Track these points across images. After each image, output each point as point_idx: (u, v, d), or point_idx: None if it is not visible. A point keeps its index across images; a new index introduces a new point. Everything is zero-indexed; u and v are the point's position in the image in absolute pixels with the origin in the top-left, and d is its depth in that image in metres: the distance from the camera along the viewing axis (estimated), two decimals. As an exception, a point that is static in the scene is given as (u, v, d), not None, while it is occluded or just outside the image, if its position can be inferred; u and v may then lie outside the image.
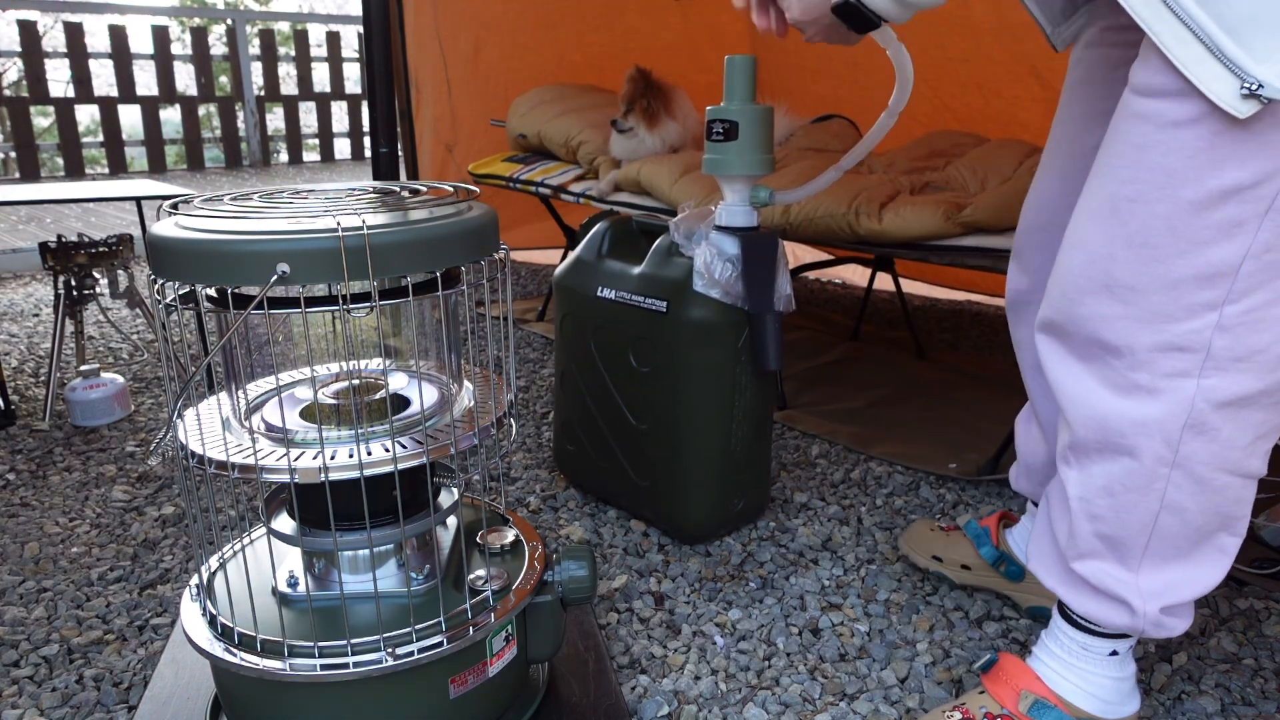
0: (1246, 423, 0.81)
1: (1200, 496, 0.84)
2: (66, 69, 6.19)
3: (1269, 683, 1.13)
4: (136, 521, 1.55)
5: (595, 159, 2.50)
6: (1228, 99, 0.71)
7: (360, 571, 0.93)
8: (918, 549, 1.35)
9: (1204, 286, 0.78)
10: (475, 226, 0.85)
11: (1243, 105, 0.71)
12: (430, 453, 0.85)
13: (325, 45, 7.45)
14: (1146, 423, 0.82)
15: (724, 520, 1.47)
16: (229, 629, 0.88)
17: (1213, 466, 0.82)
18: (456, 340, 0.98)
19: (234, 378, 0.93)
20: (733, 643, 1.21)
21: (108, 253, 2.03)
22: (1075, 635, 0.96)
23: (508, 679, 0.97)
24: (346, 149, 7.82)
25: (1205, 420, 0.81)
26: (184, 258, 0.77)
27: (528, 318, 2.82)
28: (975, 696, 1.00)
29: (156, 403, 2.11)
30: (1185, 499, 0.84)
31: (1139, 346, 0.81)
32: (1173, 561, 0.88)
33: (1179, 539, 0.87)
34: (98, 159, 6.60)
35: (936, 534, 1.36)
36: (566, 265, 1.54)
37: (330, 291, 0.77)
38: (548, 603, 0.98)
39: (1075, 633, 0.96)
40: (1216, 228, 0.76)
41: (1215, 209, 0.75)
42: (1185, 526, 0.86)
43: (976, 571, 1.29)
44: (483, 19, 3.08)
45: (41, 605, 1.30)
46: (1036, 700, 0.96)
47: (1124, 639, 0.94)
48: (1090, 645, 0.95)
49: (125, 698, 1.11)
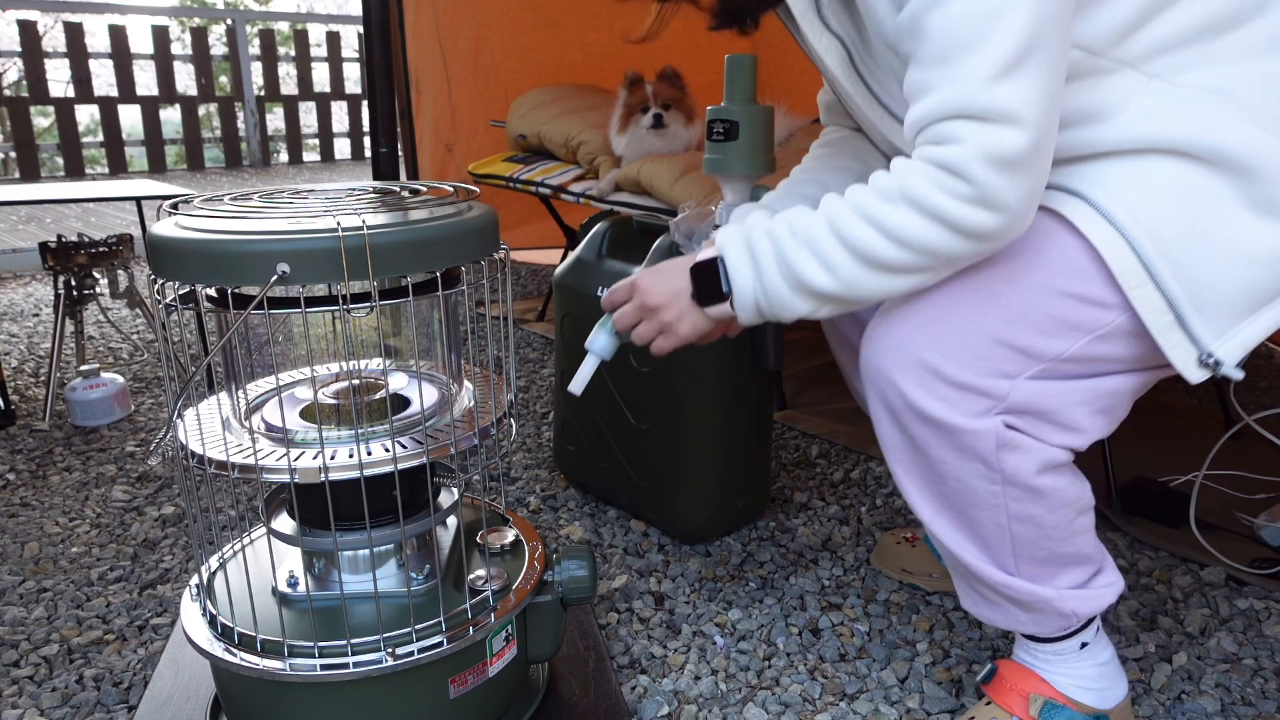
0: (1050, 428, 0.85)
1: (1039, 501, 0.86)
2: (66, 69, 6.19)
3: (1269, 683, 1.13)
4: (136, 521, 1.55)
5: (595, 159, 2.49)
6: (1184, 365, 0.78)
7: (360, 571, 0.93)
8: (887, 565, 1.37)
9: (1015, 357, 0.82)
10: (475, 226, 0.85)
11: (1196, 372, 0.78)
12: (430, 453, 0.85)
13: (325, 45, 7.44)
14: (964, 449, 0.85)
15: (724, 520, 1.47)
16: (229, 629, 0.88)
17: (1033, 473, 0.85)
18: (456, 340, 0.98)
19: (234, 378, 0.93)
20: (733, 643, 1.21)
21: (108, 253, 2.03)
22: (1041, 644, 0.97)
23: (508, 679, 0.97)
24: (346, 149, 7.82)
25: (1010, 438, 0.83)
26: (184, 258, 0.77)
27: (528, 318, 2.82)
28: (982, 709, 1.00)
29: (156, 403, 2.11)
30: (1028, 508, 0.87)
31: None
32: (1047, 564, 0.90)
33: (1040, 542, 0.89)
34: (98, 159, 6.60)
35: (903, 546, 1.37)
36: (566, 265, 1.54)
37: (330, 291, 0.77)
38: (548, 603, 0.98)
39: (1039, 643, 0.97)
40: (1056, 321, 0.82)
41: (1065, 308, 0.82)
42: (1041, 529, 0.88)
43: (943, 578, 1.32)
44: (483, 19, 3.08)
45: (41, 605, 1.30)
46: (1046, 702, 0.96)
47: (1085, 629, 0.95)
48: (1060, 649, 0.96)
49: (125, 698, 1.11)
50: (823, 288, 0.82)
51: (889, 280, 0.81)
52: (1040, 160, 0.75)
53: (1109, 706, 0.96)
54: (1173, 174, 0.78)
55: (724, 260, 0.88)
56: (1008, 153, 0.72)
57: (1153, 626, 1.23)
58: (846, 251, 0.80)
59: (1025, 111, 0.71)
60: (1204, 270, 0.77)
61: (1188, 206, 0.78)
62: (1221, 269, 0.77)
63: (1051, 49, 0.72)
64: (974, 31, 0.71)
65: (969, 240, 0.77)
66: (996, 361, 0.82)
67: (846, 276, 0.81)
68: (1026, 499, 0.85)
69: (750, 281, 0.86)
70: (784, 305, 0.85)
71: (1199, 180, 0.78)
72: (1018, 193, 0.74)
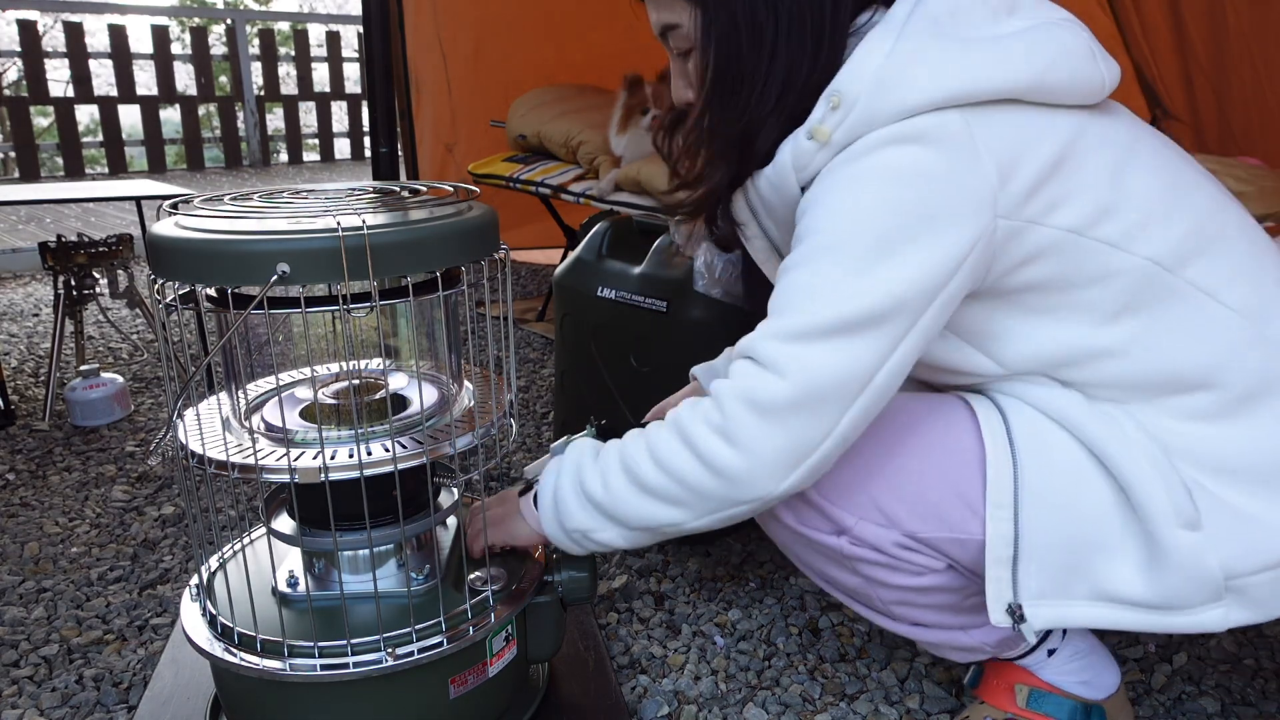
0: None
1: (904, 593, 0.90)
2: (66, 69, 6.18)
3: (1269, 683, 1.13)
4: (136, 521, 1.55)
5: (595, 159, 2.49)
6: (993, 600, 0.81)
7: (360, 571, 0.93)
8: None
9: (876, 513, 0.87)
10: (475, 226, 0.84)
11: (999, 614, 0.80)
12: (430, 453, 0.85)
13: (325, 45, 7.44)
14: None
15: (724, 520, 1.46)
16: (229, 629, 0.88)
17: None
18: (456, 340, 0.98)
19: (234, 378, 0.93)
20: (733, 643, 1.21)
21: (108, 253, 2.02)
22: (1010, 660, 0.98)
23: (508, 679, 0.97)
24: (346, 149, 7.81)
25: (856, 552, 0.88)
26: (184, 258, 0.77)
27: (528, 318, 2.82)
28: (976, 708, 1.01)
29: (156, 403, 2.11)
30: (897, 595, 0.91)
31: None
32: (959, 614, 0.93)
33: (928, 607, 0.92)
34: (98, 159, 6.60)
35: None
36: (566, 265, 1.54)
37: (330, 291, 0.77)
38: (548, 603, 0.98)
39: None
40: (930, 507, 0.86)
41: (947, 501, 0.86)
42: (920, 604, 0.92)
43: None
44: (483, 19, 3.08)
45: (41, 605, 1.30)
46: (1032, 691, 0.97)
47: (1048, 637, 0.96)
48: (1029, 662, 0.97)
49: (125, 698, 1.11)
50: (595, 495, 0.84)
51: (647, 505, 0.82)
52: (798, 421, 0.76)
53: (1100, 697, 0.97)
54: (1075, 455, 0.81)
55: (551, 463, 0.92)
56: (761, 397, 0.76)
57: (1153, 627, 1.23)
58: (620, 465, 0.83)
59: (794, 371, 0.75)
60: (1062, 541, 0.80)
61: (1073, 494, 0.81)
62: (1078, 554, 0.80)
63: (867, 343, 0.75)
64: (790, 300, 0.77)
65: (711, 474, 0.78)
66: (854, 502, 0.86)
67: (615, 490, 0.83)
68: (890, 589, 0.90)
69: (550, 483, 0.89)
70: (570, 513, 0.86)
71: (1094, 480, 0.80)
72: (765, 440, 0.76)
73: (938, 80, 0.74)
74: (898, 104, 0.74)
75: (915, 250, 0.74)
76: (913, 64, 0.75)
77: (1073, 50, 0.79)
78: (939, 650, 0.98)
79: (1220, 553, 0.76)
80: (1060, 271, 0.78)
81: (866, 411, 0.78)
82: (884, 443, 0.86)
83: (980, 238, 0.75)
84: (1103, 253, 0.78)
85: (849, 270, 0.75)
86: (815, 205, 0.78)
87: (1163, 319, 0.79)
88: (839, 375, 0.75)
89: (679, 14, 0.86)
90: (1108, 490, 0.79)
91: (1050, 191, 0.76)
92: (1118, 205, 0.78)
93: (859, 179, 0.76)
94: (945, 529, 0.84)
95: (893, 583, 0.89)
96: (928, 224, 0.74)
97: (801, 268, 0.77)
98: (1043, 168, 0.76)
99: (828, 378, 0.75)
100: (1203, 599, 0.77)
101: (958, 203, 0.75)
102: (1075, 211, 0.77)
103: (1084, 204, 0.77)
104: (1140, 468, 0.77)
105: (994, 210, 0.75)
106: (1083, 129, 0.79)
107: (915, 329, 0.76)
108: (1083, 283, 0.79)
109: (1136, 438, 0.79)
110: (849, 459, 0.84)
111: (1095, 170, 0.78)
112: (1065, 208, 0.77)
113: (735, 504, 0.79)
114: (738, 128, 0.85)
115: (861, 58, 0.77)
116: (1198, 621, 0.77)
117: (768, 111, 0.83)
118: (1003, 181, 0.75)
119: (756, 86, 0.82)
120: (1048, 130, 0.77)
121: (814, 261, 0.77)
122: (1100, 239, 0.77)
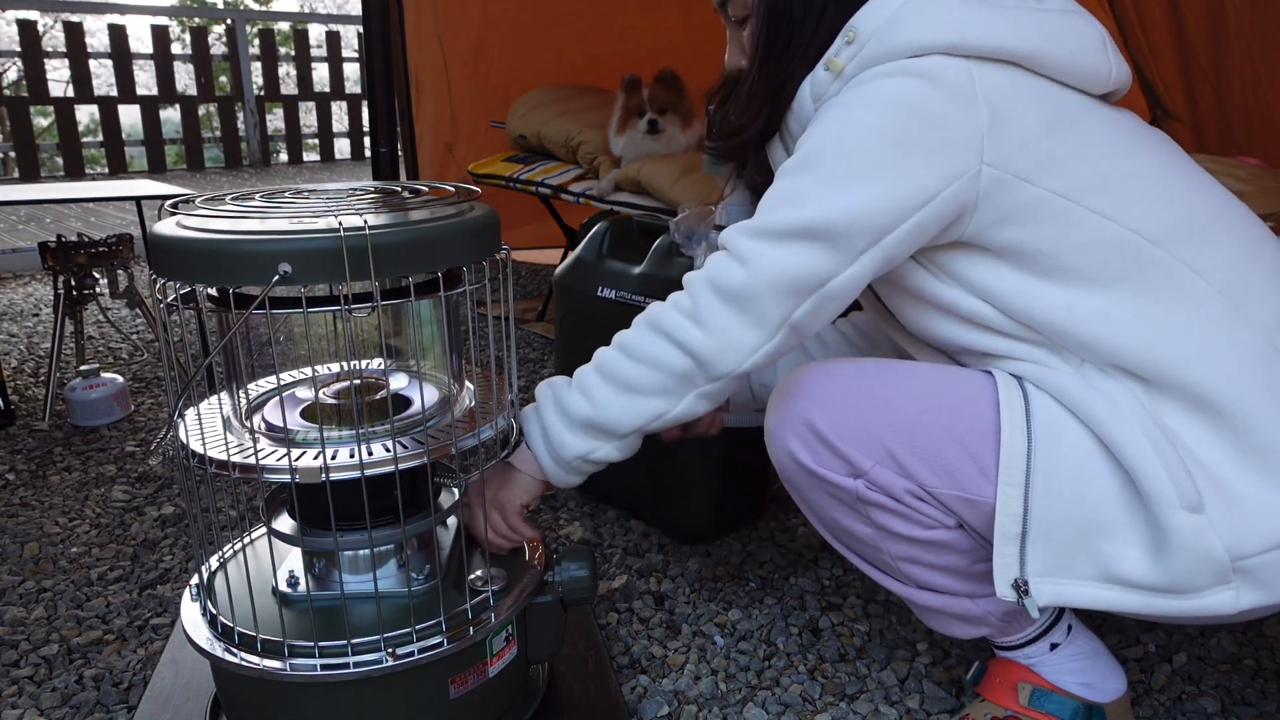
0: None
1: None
2: (66, 69, 6.18)
3: (1269, 683, 1.13)
4: (136, 521, 1.55)
5: (595, 159, 2.49)
6: (1000, 574, 0.82)
7: (360, 571, 0.93)
8: None
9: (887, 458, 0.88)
10: (476, 226, 0.84)
11: (1005, 588, 0.82)
12: (431, 453, 0.85)
13: (325, 45, 7.44)
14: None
15: (724, 520, 1.47)
16: (229, 629, 0.88)
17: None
18: (457, 340, 0.98)
19: (234, 377, 0.93)
20: (733, 643, 1.21)
21: (108, 253, 2.02)
22: (1013, 650, 0.98)
23: (508, 679, 0.97)
24: (346, 149, 7.81)
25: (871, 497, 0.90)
26: (185, 257, 0.77)
27: (528, 318, 2.82)
28: (978, 705, 1.01)
29: (156, 403, 2.11)
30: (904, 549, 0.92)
31: None
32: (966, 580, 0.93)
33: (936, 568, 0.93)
34: (98, 159, 6.60)
35: None
36: (566, 265, 1.54)
37: (331, 291, 0.77)
38: (548, 603, 0.98)
39: (1011, 650, 0.98)
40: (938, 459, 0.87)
41: (955, 456, 0.87)
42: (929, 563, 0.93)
43: None
44: (483, 19, 3.08)
45: (41, 605, 1.30)
46: (1035, 689, 0.97)
47: (1052, 629, 0.96)
48: (1030, 653, 0.97)
49: (125, 698, 1.11)
50: (581, 413, 0.90)
51: (633, 402, 0.88)
52: (756, 307, 0.83)
53: (1104, 700, 0.96)
54: (1084, 439, 0.82)
55: (523, 417, 0.97)
56: (723, 283, 0.84)
57: (1153, 626, 1.23)
58: (599, 375, 0.90)
59: (754, 262, 0.82)
60: (1070, 523, 0.80)
61: (1083, 477, 0.81)
62: (1085, 536, 0.80)
63: (825, 250, 0.81)
64: (768, 201, 0.85)
65: (684, 353, 0.85)
66: (871, 447, 0.87)
67: (599, 399, 0.89)
68: (901, 542, 0.91)
69: (535, 423, 0.94)
70: (564, 443, 0.91)
71: (1102, 464, 0.81)
72: (728, 321, 0.84)
73: (949, 27, 0.80)
74: (906, 41, 0.81)
75: (889, 175, 0.80)
76: (928, 8, 0.81)
77: (1085, 35, 0.84)
78: (943, 622, 0.97)
79: (1223, 534, 0.76)
80: (1048, 235, 0.81)
81: (818, 310, 0.84)
82: (906, 396, 0.88)
83: (959, 177, 0.79)
84: (1091, 220, 0.80)
85: (823, 183, 0.81)
86: (815, 121, 0.85)
87: (1151, 289, 0.81)
88: (792, 274, 0.82)
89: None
90: (1114, 474, 0.80)
91: (1043, 151, 0.80)
92: (1113, 182, 0.80)
93: (856, 102, 0.82)
94: (956, 487, 0.85)
95: (904, 533, 0.89)
96: (906, 153, 0.79)
97: (786, 175, 0.84)
98: (1038, 125, 0.80)
99: (781, 273, 0.82)
100: (1210, 582, 0.76)
101: (943, 139, 0.79)
102: (1068, 178, 0.80)
103: (1078, 172, 0.80)
104: (1143, 450, 0.77)
105: (980, 155, 0.79)
106: (1086, 107, 0.84)
107: (877, 247, 0.81)
108: (1069, 249, 0.81)
109: (1140, 421, 0.79)
110: (870, 407, 0.87)
111: (1096, 146, 0.81)
112: (1057, 171, 0.80)
113: (710, 379, 0.86)
114: (779, 81, 0.91)
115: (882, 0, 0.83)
116: (1208, 604, 0.77)
117: (808, 64, 0.89)
118: (994, 127, 0.79)
119: (803, 43, 0.88)
120: (1049, 96, 0.82)
121: (798, 171, 0.84)
122: (1090, 208, 0.80)
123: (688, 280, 0.87)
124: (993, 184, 0.79)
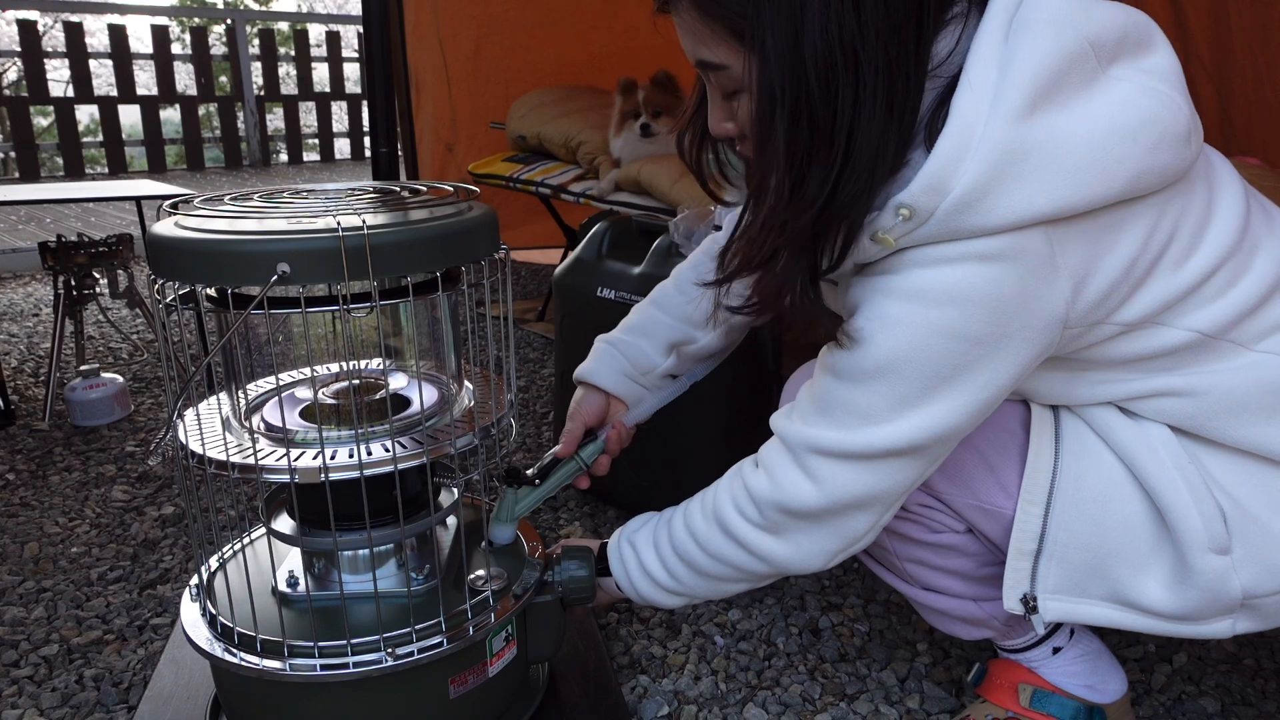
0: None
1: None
2: (66, 69, 6.18)
3: (1269, 683, 1.13)
4: (136, 521, 1.55)
5: (595, 159, 2.49)
6: (1009, 589, 0.82)
7: (360, 571, 0.93)
8: None
9: None
10: (476, 226, 0.84)
11: (1014, 603, 0.82)
12: (430, 453, 0.85)
13: (325, 45, 7.44)
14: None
15: (724, 520, 1.46)
16: (229, 629, 0.88)
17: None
18: (457, 340, 0.98)
19: (234, 378, 0.93)
20: (732, 643, 1.21)
21: (108, 253, 2.02)
22: (1016, 654, 0.98)
23: (508, 679, 0.97)
24: (346, 149, 7.82)
25: None
26: (184, 258, 0.77)
27: (528, 318, 2.82)
28: (978, 706, 1.01)
29: (156, 403, 2.11)
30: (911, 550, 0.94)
31: None
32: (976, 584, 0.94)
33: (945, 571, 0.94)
34: (98, 159, 6.60)
35: None
36: (566, 265, 1.54)
37: (330, 291, 0.77)
38: (548, 603, 0.98)
39: (1011, 652, 0.99)
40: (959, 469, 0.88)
41: (974, 468, 0.88)
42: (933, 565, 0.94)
43: None
44: (483, 18, 3.08)
45: (41, 605, 1.30)
46: (1035, 691, 0.97)
47: (1054, 634, 0.97)
48: (1031, 656, 0.97)
49: (125, 698, 1.11)
50: (666, 584, 0.93)
51: (714, 585, 0.91)
52: (836, 521, 0.80)
53: (1105, 701, 0.97)
54: (1113, 468, 0.81)
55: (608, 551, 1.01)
56: (795, 506, 0.80)
57: (1153, 627, 1.23)
58: (676, 559, 0.91)
59: (832, 482, 0.78)
60: (1088, 548, 0.80)
61: (1106, 506, 0.80)
62: (1102, 561, 0.80)
63: (905, 465, 0.77)
64: (833, 411, 0.77)
65: (762, 562, 0.85)
66: None
67: (682, 579, 0.91)
68: (908, 544, 0.92)
69: (621, 574, 0.98)
70: (648, 597, 0.96)
71: (1128, 495, 0.80)
72: (808, 536, 0.82)
73: (1028, 203, 0.66)
74: (979, 224, 0.67)
75: (970, 382, 0.72)
76: (1000, 184, 0.66)
77: (1172, 134, 0.70)
78: (947, 623, 0.98)
79: (1245, 576, 0.76)
80: (1109, 350, 0.78)
81: (901, 501, 0.82)
82: None
83: (1043, 353, 0.74)
84: (1154, 331, 0.77)
85: (898, 400, 0.73)
86: (876, 305, 0.73)
87: (1209, 369, 0.78)
88: (874, 491, 0.78)
89: (724, 54, 0.72)
90: (1141, 506, 0.79)
91: (1118, 294, 0.73)
92: (1178, 293, 0.74)
93: (925, 295, 0.70)
94: (971, 497, 0.85)
95: (911, 536, 0.90)
96: (989, 350, 0.71)
97: (851, 381, 0.75)
98: (1115, 276, 0.71)
99: (862, 492, 0.78)
100: (1216, 614, 0.78)
101: (1024, 325, 0.70)
102: (1136, 309, 0.74)
103: (1146, 301, 0.74)
104: (1177, 489, 0.77)
105: (1063, 326, 0.72)
106: (1161, 211, 0.72)
107: (954, 440, 0.78)
108: (1129, 353, 0.77)
109: (1175, 458, 0.79)
110: None
111: (1163, 266, 0.74)
112: (1128, 307, 0.74)
113: (793, 574, 0.88)
114: (810, 214, 0.70)
115: (937, 170, 0.67)
116: (1206, 631, 0.79)
117: (850, 197, 0.69)
118: (1075, 297, 0.70)
119: (834, 165, 0.68)
120: (1125, 228, 0.71)
121: (862, 381, 0.74)
122: (1155, 322, 0.76)
123: (754, 492, 0.82)
124: (1070, 338, 0.74)
